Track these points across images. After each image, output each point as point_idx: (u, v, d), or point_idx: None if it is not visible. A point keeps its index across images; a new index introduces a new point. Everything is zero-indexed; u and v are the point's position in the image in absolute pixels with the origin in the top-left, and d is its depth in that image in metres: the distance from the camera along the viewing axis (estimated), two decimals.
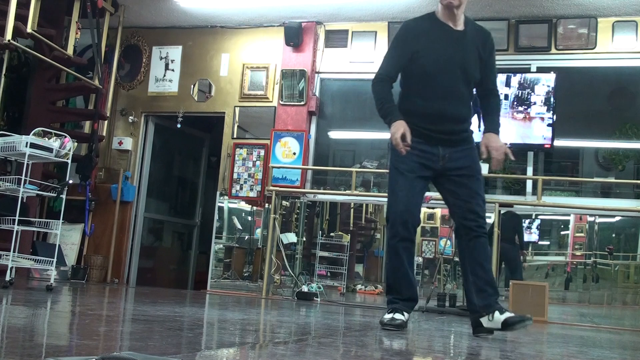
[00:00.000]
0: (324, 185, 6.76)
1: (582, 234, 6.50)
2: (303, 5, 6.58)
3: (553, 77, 5.73)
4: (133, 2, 6.86)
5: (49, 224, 4.98)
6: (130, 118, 7.35)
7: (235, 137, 7.01)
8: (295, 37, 6.76)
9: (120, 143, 7.29)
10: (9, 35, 5.43)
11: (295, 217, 6.78)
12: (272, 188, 6.37)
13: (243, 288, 6.77)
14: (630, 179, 6.13)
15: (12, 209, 4.65)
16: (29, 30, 5.60)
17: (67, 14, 6.50)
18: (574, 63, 6.23)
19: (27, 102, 6.54)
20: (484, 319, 2.99)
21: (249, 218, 7.31)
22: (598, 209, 6.01)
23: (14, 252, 4.58)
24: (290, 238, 6.54)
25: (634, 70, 6.14)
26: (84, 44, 7.02)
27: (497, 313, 2.94)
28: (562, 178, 6.39)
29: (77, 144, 5.92)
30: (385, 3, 6.24)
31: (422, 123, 3.09)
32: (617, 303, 6.24)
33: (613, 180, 6.12)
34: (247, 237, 7.20)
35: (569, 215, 6.56)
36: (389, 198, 3.17)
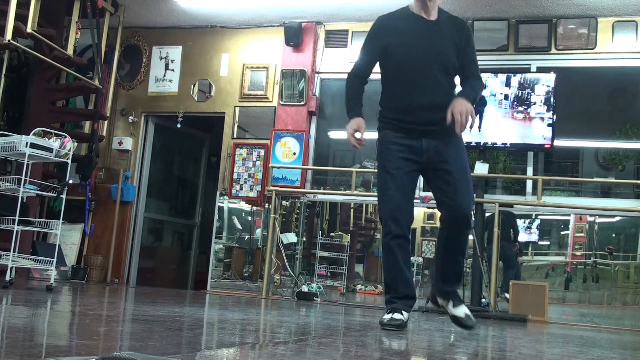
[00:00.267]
0: (324, 185, 6.76)
1: (582, 234, 6.50)
2: (303, 5, 6.58)
3: (553, 77, 5.72)
4: (133, 2, 6.86)
5: (49, 224, 4.98)
6: (130, 118, 7.35)
7: (235, 137, 7.01)
8: (295, 37, 6.76)
9: (120, 143, 7.29)
10: (9, 35, 5.43)
11: (295, 217, 6.78)
12: (272, 188, 6.37)
13: (243, 288, 6.77)
14: (630, 179, 6.13)
15: (12, 209, 4.65)
16: (29, 30, 5.60)
17: (67, 14, 6.50)
18: (574, 63, 6.23)
19: (27, 102, 6.54)
20: (440, 300, 3.19)
21: (249, 218, 7.31)
22: (598, 209, 6.01)
23: (14, 252, 4.58)
24: (290, 238, 6.54)
25: (634, 70, 6.14)
26: (84, 44, 7.02)
27: (451, 303, 3.10)
28: (562, 178, 6.39)
29: (77, 144, 5.92)
30: (385, 3, 6.21)
31: (402, 116, 3.11)
32: (617, 303, 6.24)
33: (613, 180, 6.12)
34: (247, 237, 7.20)
35: (569, 215, 6.57)
36: (379, 197, 3.16)
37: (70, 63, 6.36)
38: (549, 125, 5.66)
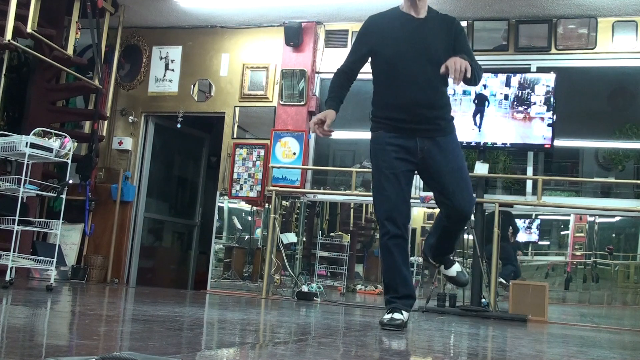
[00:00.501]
0: (324, 185, 6.76)
1: (582, 234, 6.50)
2: (303, 5, 6.58)
3: (553, 77, 5.72)
4: (133, 2, 6.86)
5: (49, 224, 4.98)
6: (130, 118, 7.35)
7: (235, 137, 7.01)
8: (295, 37, 6.76)
9: (120, 143, 7.29)
10: (9, 35, 5.43)
11: (295, 217, 6.78)
12: (272, 188, 6.37)
13: (243, 288, 6.77)
14: (630, 179, 6.13)
15: (12, 209, 4.65)
16: (29, 30, 5.60)
17: (67, 14, 6.50)
18: (574, 63, 6.23)
19: (27, 102, 6.54)
20: (431, 260, 3.43)
21: (249, 218, 7.31)
22: (598, 209, 6.01)
23: (14, 252, 4.58)
24: (290, 238, 6.54)
25: (634, 70, 6.14)
26: (84, 44, 7.02)
27: (443, 266, 3.39)
28: (562, 178, 6.39)
29: (77, 144, 5.92)
30: (385, 3, 6.23)
31: (394, 114, 3.11)
32: (617, 303, 6.24)
33: (613, 180, 6.12)
34: (247, 237, 7.20)
35: (569, 215, 6.57)
36: (375, 198, 3.16)
37: (70, 63, 6.36)
38: (549, 125, 5.66)
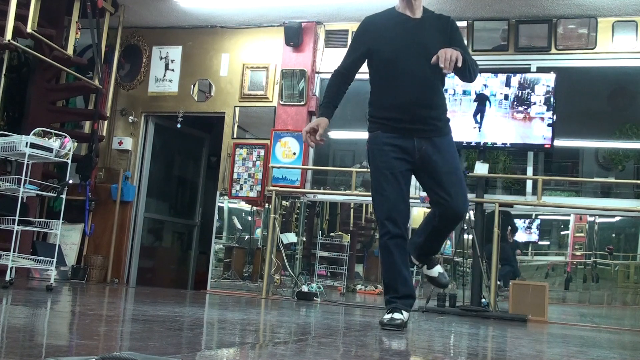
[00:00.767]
0: (324, 185, 6.76)
1: (582, 234, 6.50)
2: (303, 5, 6.58)
3: (553, 77, 5.72)
4: (133, 2, 6.86)
5: (49, 224, 4.98)
6: (130, 118, 7.35)
7: (235, 137, 7.01)
8: (295, 37, 6.76)
9: (120, 143, 7.29)
10: (9, 35, 5.43)
11: (295, 217, 6.78)
12: (272, 188, 6.37)
13: (243, 288, 6.77)
14: (630, 179, 6.13)
15: (12, 209, 4.65)
16: (29, 30, 5.60)
17: (67, 14, 6.50)
18: (574, 63, 6.23)
19: (27, 102, 6.54)
20: (414, 261, 3.41)
21: (249, 218, 7.31)
22: (598, 209, 6.01)
23: (14, 252, 4.58)
24: (290, 238, 6.54)
25: (634, 70, 6.14)
26: (84, 44, 7.02)
27: (426, 266, 3.41)
28: (562, 178, 6.39)
29: (77, 144, 5.92)
30: (386, 3, 6.23)
31: (392, 114, 3.11)
32: (617, 303, 6.24)
33: (613, 180, 6.12)
34: (247, 237, 7.20)
35: (569, 215, 6.56)
36: (374, 198, 3.16)
37: (70, 63, 6.36)
38: (549, 125, 5.66)
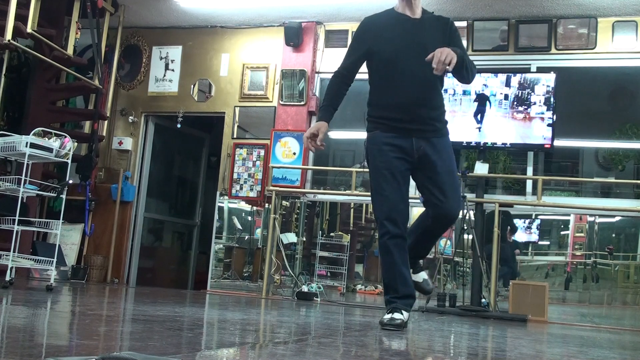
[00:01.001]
0: (324, 185, 6.76)
1: (582, 234, 6.49)
2: (303, 5, 6.58)
3: (553, 77, 5.72)
4: (133, 2, 6.86)
5: (49, 224, 4.98)
6: (130, 118, 7.35)
7: (235, 137, 7.01)
8: (295, 37, 6.76)
9: (120, 143, 7.29)
10: (9, 35, 5.43)
11: (295, 217, 6.78)
12: (272, 188, 6.37)
13: (243, 288, 6.77)
14: (630, 179, 6.13)
15: (12, 209, 4.65)
16: (29, 30, 5.60)
17: (67, 14, 6.50)
18: (574, 63, 6.23)
19: (27, 102, 6.54)
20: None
21: (249, 218, 7.30)
22: (598, 209, 6.01)
23: (14, 252, 4.57)
24: (290, 238, 6.54)
25: (634, 70, 6.14)
26: (84, 44, 7.02)
27: (411, 271, 3.29)
28: (562, 178, 6.39)
29: (77, 144, 5.91)
30: (386, 3, 6.24)
31: (392, 114, 3.11)
32: (617, 303, 6.24)
33: (613, 180, 6.12)
34: (247, 237, 7.20)
35: (569, 215, 6.56)
36: (374, 198, 3.17)
37: (70, 63, 6.36)
38: (549, 125, 5.66)
